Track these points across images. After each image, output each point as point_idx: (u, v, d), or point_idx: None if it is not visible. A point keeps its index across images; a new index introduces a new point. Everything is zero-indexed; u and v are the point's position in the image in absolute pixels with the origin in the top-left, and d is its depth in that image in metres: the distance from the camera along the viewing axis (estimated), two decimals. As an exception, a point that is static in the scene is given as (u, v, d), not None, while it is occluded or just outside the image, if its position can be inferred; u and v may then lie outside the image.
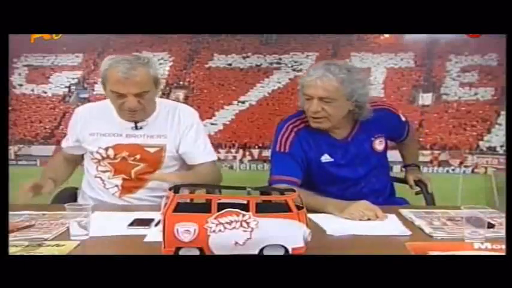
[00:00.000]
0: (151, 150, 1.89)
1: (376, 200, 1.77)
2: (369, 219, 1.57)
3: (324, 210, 1.65)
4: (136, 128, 1.89)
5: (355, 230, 1.45)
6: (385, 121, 1.93)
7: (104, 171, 1.92)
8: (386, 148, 1.97)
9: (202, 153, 1.95)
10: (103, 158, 1.90)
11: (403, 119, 2.04)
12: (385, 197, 1.99)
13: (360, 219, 1.56)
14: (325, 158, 1.86)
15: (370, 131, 1.90)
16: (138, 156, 1.88)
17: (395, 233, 1.45)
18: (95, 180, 1.95)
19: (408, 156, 2.19)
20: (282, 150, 1.84)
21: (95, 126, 1.92)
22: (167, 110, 1.94)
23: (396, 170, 2.37)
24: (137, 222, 1.51)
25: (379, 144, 1.92)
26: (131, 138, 1.89)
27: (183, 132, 1.92)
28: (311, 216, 1.49)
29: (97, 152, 1.90)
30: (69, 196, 2.03)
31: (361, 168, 1.90)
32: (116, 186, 1.92)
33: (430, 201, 2.05)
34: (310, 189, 1.76)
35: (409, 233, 1.44)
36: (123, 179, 1.91)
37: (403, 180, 2.15)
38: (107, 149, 1.89)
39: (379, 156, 1.95)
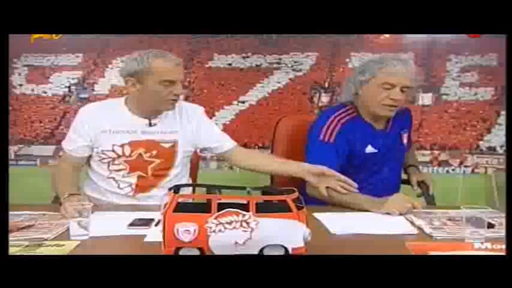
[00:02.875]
0: (166, 145, 1.91)
1: (388, 192, 1.77)
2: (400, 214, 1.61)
3: (360, 207, 1.68)
4: (150, 125, 1.89)
5: (359, 229, 1.45)
6: (408, 119, 2.07)
7: (118, 170, 1.90)
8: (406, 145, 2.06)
9: (225, 138, 2.00)
10: (118, 156, 1.88)
11: None
12: (392, 192, 1.99)
13: (401, 214, 1.60)
14: (369, 149, 1.91)
15: (400, 125, 2.00)
16: (154, 152, 1.88)
17: (401, 231, 1.45)
18: (106, 182, 1.92)
19: (407, 158, 2.20)
20: (327, 140, 1.86)
21: (107, 124, 1.88)
22: None
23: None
24: (137, 222, 1.51)
25: (405, 138, 2.03)
26: (146, 135, 1.89)
27: (197, 128, 1.95)
28: (314, 215, 1.50)
29: (112, 150, 1.87)
30: None
31: (391, 161, 1.98)
32: (130, 185, 1.90)
33: (431, 202, 2.05)
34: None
35: (415, 231, 1.44)
36: (138, 177, 1.90)
37: (404, 181, 2.15)
38: (122, 146, 1.87)
39: (403, 150, 2.05)
